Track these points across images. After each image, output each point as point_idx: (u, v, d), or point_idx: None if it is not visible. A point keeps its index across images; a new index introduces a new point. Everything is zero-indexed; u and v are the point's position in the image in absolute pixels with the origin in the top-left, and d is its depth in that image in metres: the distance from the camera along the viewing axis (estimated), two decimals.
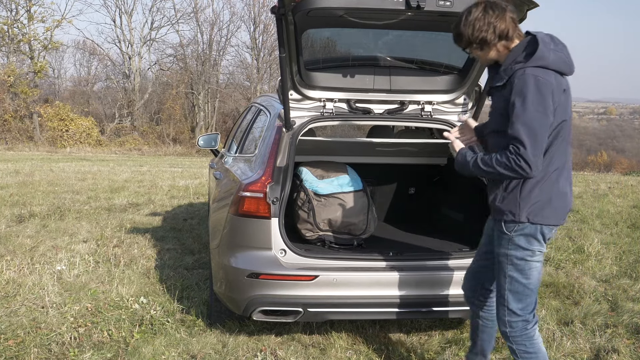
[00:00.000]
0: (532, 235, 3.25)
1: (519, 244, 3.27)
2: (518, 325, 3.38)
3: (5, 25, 39.10)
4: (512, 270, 3.32)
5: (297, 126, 4.60)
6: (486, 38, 3.20)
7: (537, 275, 3.35)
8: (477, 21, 3.19)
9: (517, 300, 3.35)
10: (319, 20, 4.22)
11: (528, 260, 3.29)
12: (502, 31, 3.19)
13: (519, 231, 3.26)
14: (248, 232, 4.29)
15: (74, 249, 7.21)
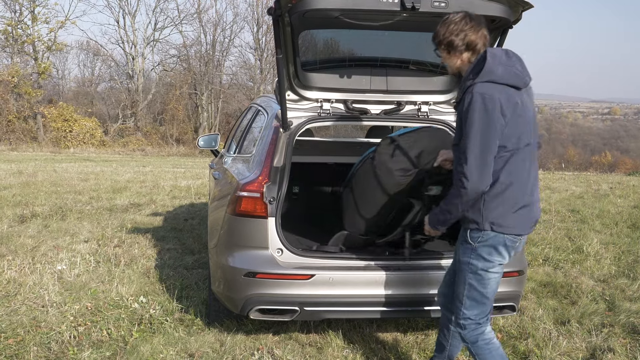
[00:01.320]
0: (494, 246, 3.37)
1: (481, 255, 3.39)
2: (471, 327, 3.55)
3: (9, 26, 39.20)
4: (472, 278, 3.45)
5: (295, 127, 4.63)
6: (454, 42, 3.33)
7: (495, 285, 3.50)
8: (453, 24, 3.33)
9: (473, 307, 3.51)
10: (315, 22, 4.25)
11: (488, 271, 3.43)
12: (470, 42, 3.32)
13: (482, 242, 3.37)
14: (245, 231, 4.32)
15: (75, 249, 7.25)
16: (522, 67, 3.31)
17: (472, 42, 3.33)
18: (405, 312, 4.39)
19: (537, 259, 7.22)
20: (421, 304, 4.33)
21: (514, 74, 3.25)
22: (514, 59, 3.31)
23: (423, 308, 4.37)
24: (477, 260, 3.41)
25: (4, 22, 39.31)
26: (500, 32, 4.19)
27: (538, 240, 8.11)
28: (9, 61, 40.12)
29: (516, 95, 3.24)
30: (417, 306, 4.34)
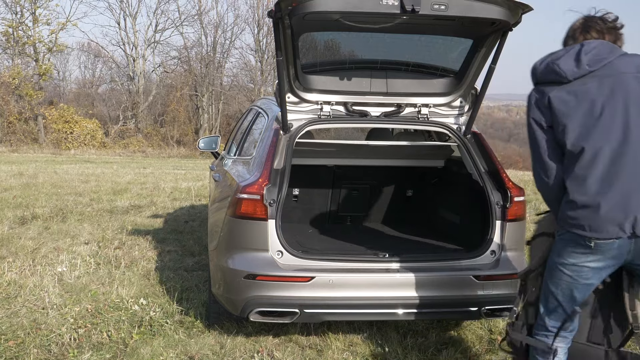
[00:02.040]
0: (568, 245, 3.07)
1: (555, 251, 3.17)
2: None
3: (10, 28, 39.18)
4: (548, 273, 3.24)
5: (295, 129, 4.64)
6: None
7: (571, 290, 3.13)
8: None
9: (546, 308, 3.26)
10: (315, 24, 4.26)
11: (558, 269, 3.15)
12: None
13: (558, 240, 3.16)
14: (245, 233, 4.33)
15: (76, 251, 7.26)
16: (569, 59, 3.03)
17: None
18: (405, 315, 4.38)
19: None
20: (421, 306, 4.33)
21: (551, 69, 3.05)
22: (569, 52, 3.05)
23: (423, 310, 4.37)
24: (552, 252, 3.18)
25: (5, 24, 39.33)
26: (500, 34, 4.19)
27: None
28: (10, 63, 40.12)
29: (559, 90, 3.03)
30: (418, 309, 4.34)
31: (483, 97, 4.73)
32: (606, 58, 2.99)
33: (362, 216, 6.29)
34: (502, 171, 4.62)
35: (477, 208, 4.74)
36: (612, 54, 3.01)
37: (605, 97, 2.96)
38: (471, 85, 4.78)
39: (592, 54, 2.99)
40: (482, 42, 4.35)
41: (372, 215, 6.29)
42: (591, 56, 2.99)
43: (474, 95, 4.83)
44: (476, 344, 4.85)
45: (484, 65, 4.56)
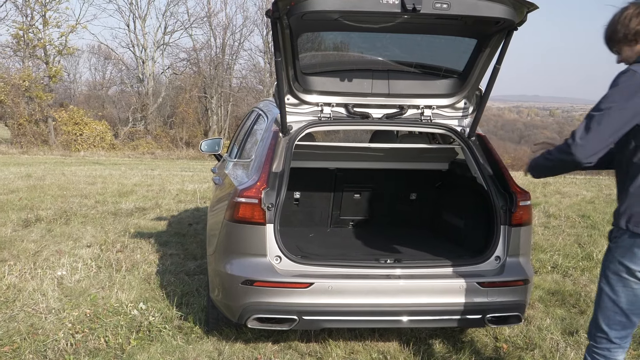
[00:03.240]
0: (629, 248, 3.00)
1: (615, 257, 3.08)
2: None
3: (20, 31, 39.35)
4: (604, 281, 3.15)
5: (294, 131, 4.54)
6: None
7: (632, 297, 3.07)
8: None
9: (604, 317, 3.17)
10: (314, 24, 4.16)
11: (620, 276, 3.07)
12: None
13: (616, 243, 3.08)
14: (243, 238, 4.23)
15: (77, 254, 7.19)
16: None
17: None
18: (406, 322, 4.27)
19: (545, 266, 7.09)
20: (423, 313, 4.22)
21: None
22: None
23: (424, 318, 4.26)
24: (611, 263, 3.10)
25: (16, 27, 39.49)
26: (505, 34, 4.08)
27: (547, 247, 7.98)
28: (21, 65, 40.29)
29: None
30: (419, 315, 4.23)
31: (487, 98, 4.61)
32: None
33: (364, 220, 6.18)
34: (507, 174, 4.51)
35: (482, 212, 4.63)
36: None
37: None
38: (475, 86, 4.66)
39: None
40: (486, 41, 4.23)
41: (375, 219, 6.18)
42: None
43: (478, 97, 4.71)
44: (481, 351, 4.74)
45: (489, 65, 4.43)
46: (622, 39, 3.08)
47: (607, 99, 2.92)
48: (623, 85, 2.91)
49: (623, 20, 3.05)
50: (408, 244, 5.18)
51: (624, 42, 3.08)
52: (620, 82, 2.92)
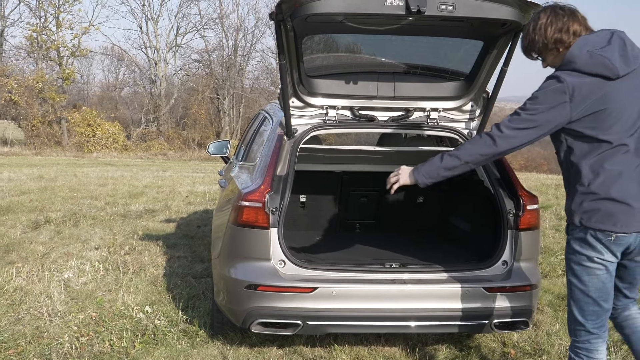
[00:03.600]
0: (584, 240, 3.20)
1: (574, 248, 3.27)
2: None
3: (34, 32, 39.65)
4: (570, 274, 3.33)
5: (299, 134, 4.51)
6: (561, 38, 3.19)
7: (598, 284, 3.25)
8: (553, 23, 3.20)
9: (579, 309, 3.32)
10: (318, 26, 4.12)
11: (583, 265, 3.24)
12: (575, 30, 3.19)
13: (573, 235, 3.27)
14: (247, 242, 4.20)
15: (85, 256, 7.20)
16: (621, 54, 3.07)
17: (576, 31, 3.19)
18: (411, 328, 4.23)
19: (555, 270, 7.02)
20: (428, 319, 4.17)
21: (600, 62, 3.04)
22: (614, 45, 3.08)
23: (430, 323, 4.22)
24: (572, 254, 3.28)
25: (30, 29, 39.79)
26: (512, 36, 4.03)
27: (558, 250, 7.90)
28: (35, 67, 40.55)
29: (605, 85, 3.06)
30: (424, 321, 4.18)
31: (495, 100, 4.56)
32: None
33: (371, 223, 6.14)
34: (515, 178, 4.45)
35: (489, 216, 4.58)
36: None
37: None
38: (482, 89, 4.61)
39: (636, 49, 3.13)
40: (493, 43, 4.18)
41: (381, 223, 6.13)
42: (637, 51, 3.14)
43: (485, 99, 4.66)
44: (488, 357, 4.69)
45: (496, 67, 4.38)
46: (543, 48, 3.24)
47: (534, 102, 3.13)
48: (549, 91, 3.10)
49: (539, 31, 3.20)
50: (414, 248, 5.13)
51: (544, 50, 3.25)
52: (548, 88, 3.10)
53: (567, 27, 3.15)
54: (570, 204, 3.24)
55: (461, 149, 3.40)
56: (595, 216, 3.13)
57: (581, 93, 3.03)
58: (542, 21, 3.19)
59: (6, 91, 36.48)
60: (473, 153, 3.34)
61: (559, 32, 3.16)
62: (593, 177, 3.13)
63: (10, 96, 36.50)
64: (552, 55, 3.24)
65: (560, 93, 3.06)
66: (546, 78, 3.16)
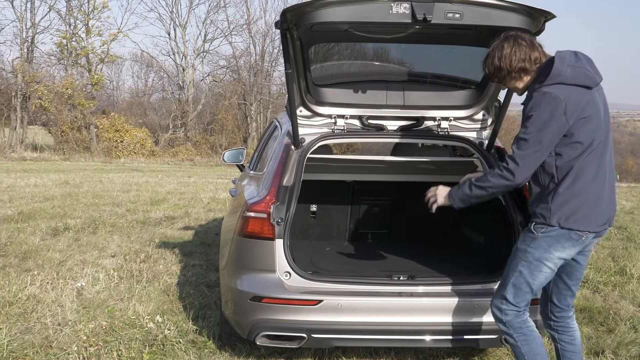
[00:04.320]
0: (557, 239, 3.47)
1: (541, 245, 3.50)
2: (512, 313, 3.64)
3: (64, 39, 40.23)
4: (524, 266, 3.56)
5: (306, 144, 4.45)
6: (525, 67, 3.45)
7: (544, 280, 3.60)
8: (515, 54, 3.44)
9: (517, 295, 3.60)
10: (324, 35, 4.08)
11: (542, 262, 3.52)
12: (536, 58, 3.46)
13: (545, 233, 3.48)
14: (252, 253, 4.16)
15: (101, 264, 7.22)
16: (592, 67, 3.41)
17: (537, 58, 3.46)
18: (419, 341, 4.13)
19: None
20: (436, 333, 4.07)
21: (583, 74, 3.36)
22: (583, 60, 3.40)
23: (438, 337, 4.11)
24: (535, 249, 3.50)
25: (60, 35, 40.38)
26: None
27: None
28: (65, 73, 41.14)
29: (587, 94, 3.36)
30: (432, 335, 4.08)
31: (507, 109, 4.46)
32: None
33: (383, 233, 6.05)
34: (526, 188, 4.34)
35: (501, 227, 4.47)
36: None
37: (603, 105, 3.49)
38: (494, 97, 4.51)
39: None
40: None
41: (393, 233, 6.04)
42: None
43: (497, 108, 4.55)
44: None
45: None
46: (507, 75, 3.51)
47: (535, 123, 3.32)
48: (545, 108, 3.30)
49: (504, 60, 3.44)
50: (425, 259, 5.03)
51: (507, 77, 3.52)
52: (542, 105, 3.30)
53: (529, 56, 3.42)
54: (547, 205, 3.45)
55: (486, 182, 3.57)
56: (573, 217, 3.40)
57: (572, 101, 3.29)
58: (506, 51, 3.43)
59: (36, 97, 37.06)
60: (497, 186, 3.54)
61: (523, 62, 3.42)
62: (574, 179, 3.39)
63: (40, 102, 37.08)
64: (514, 80, 3.53)
65: (555, 106, 3.28)
66: (532, 96, 3.38)
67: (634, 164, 64.27)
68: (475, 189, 3.63)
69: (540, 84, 3.35)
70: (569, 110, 3.29)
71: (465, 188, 3.69)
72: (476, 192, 3.63)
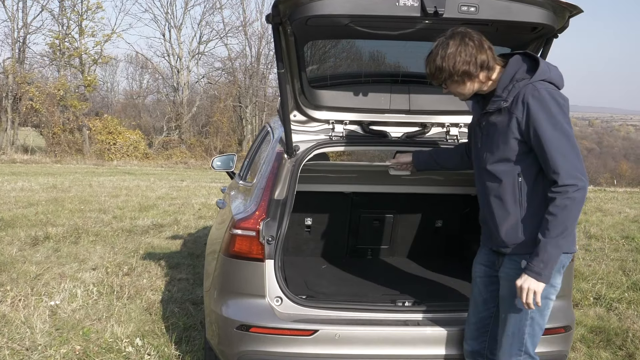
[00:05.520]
0: (557, 269, 3.00)
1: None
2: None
3: (57, 40, 39.74)
4: (535, 311, 3.03)
5: (301, 152, 3.98)
6: (469, 70, 2.98)
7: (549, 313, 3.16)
8: (459, 55, 2.97)
9: (535, 344, 3.14)
10: (321, 30, 3.60)
11: (549, 299, 3.07)
12: (482, 61, 3.00)
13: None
14: (239, 275, 3.68)
15: (80, 278, 6.73)
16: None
17: (484, 62, 2.99)
18: None
19: (587, 297, 6.40)
20: None
21: (559, 74, 3.02)
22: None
23: None
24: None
25: (52, 36, 39.90)
26: (543, 42, 3.48)
27: (589, 275, 7.29)
28: (57, 74, 40.61)
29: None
30: None
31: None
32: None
33: (384, 249, 5.57)
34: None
35: None
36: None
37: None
38: None
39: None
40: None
41: (396, 249, 5.56)
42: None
43: None
44: None
45: None
46: (448, 78, 3.03)
47: (568, 122, 2.92)
48: (564, 103, 2.93)
49: (447, 60, 2.97)
50: (432, 280, 4.58)
51: (449, 80, 3.04)
52: (561, 100, 2.92)
53: (475, 59, 2.97)
54: (533, 228, 2.93)
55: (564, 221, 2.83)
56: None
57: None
58: (450, 50, 2.96)
59: (28, 99, 36.55)
60: (576, 211, 2.85)
61: (467, 64, 2.96)
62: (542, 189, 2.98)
63: (31, 104, 36.55)
64: (456, 85, 3.07)
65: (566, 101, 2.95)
66: (538, 92, 2.90)
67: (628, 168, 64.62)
68: (561, 240, 2.83)
69: (528, 81, 2.94)
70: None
71: (549, 249, 2.82)
72: (562, 242, 2.85)
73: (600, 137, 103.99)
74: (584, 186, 2.78)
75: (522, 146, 2.95)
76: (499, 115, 3.03)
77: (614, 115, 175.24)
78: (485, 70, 3.01)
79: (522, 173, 2.99)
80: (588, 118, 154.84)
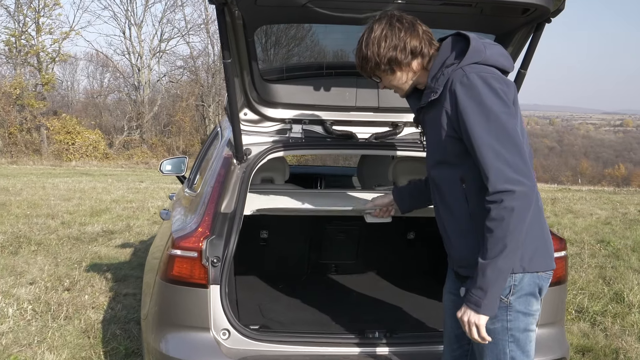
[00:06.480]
0: (532, 292, 2.44)
1: (519, 310, 2.44)
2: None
3: (12, 37, 38.59)
4: (514, 348, 2.45)
5: (253, 157, 3.42)
6: (396, 57, 2.48)
7: (534, 344, 2.54)
8: (384, 39, 2.46)
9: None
10: (274, 12, 3.06)
11: (529, 330, 2.48)
12: (414, 47, 2.48)
13: (517, 291, 2.42)
14: (179, 304, 3.11)
15: (15, 294, 6.05)
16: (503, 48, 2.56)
17: (415, 48, 2.48)
18: None
19: (569, 311, 5.94)
20: None
21: (501, 53, 2.48)
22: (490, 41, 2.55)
23: None
24: (517, 320, 2.43)
25: (8, 33, 38.79)
26: (534, 27, 2.99)
27: (568, 284, 6.83)
28: (13, 72, 39.44)
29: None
30: None
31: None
32: None
33: (350, 264, 5.02)
34: None
35: None
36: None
37: None
38: None
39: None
40: (508, 38, 3.14)
41: (363, 264, 5.02)
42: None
43: None
44: None
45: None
46: (375, 68, 2.53)
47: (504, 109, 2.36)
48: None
49: (371, 47, 2.47)
50: (405, 301, 4.05)
51: (377, 70, 2.54)
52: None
53: (404, 44, 2.46)
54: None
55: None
56: (538, 252, 2.45)
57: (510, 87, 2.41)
58: (375, 34, 2.46)
59: None
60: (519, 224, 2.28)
61: (394, 50, 2.46)
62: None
63: None
64: (386, 75, 2.56)
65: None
66: (467, 78, 2.34)
67: (588, 166, 65.86)
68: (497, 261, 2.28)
69: (457, 65, 2.40)
70: (508, 95, 2.36)
71: (488, 273, 2.28)
72: (502, 263, 2.28)
73: (560, 135, 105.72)
74: (524, 191, 2.22)
75: (459, 145, 2.40)
76: (431, 109, 2.51)
77: (574, 114, 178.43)
78: (419, 57, 2.50)
79: (465, 178, 2.44)
80: (549, 117, 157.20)
